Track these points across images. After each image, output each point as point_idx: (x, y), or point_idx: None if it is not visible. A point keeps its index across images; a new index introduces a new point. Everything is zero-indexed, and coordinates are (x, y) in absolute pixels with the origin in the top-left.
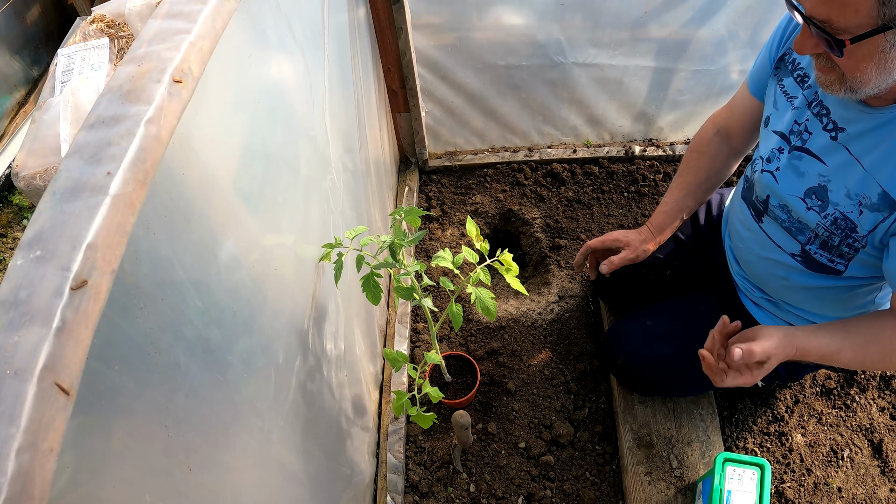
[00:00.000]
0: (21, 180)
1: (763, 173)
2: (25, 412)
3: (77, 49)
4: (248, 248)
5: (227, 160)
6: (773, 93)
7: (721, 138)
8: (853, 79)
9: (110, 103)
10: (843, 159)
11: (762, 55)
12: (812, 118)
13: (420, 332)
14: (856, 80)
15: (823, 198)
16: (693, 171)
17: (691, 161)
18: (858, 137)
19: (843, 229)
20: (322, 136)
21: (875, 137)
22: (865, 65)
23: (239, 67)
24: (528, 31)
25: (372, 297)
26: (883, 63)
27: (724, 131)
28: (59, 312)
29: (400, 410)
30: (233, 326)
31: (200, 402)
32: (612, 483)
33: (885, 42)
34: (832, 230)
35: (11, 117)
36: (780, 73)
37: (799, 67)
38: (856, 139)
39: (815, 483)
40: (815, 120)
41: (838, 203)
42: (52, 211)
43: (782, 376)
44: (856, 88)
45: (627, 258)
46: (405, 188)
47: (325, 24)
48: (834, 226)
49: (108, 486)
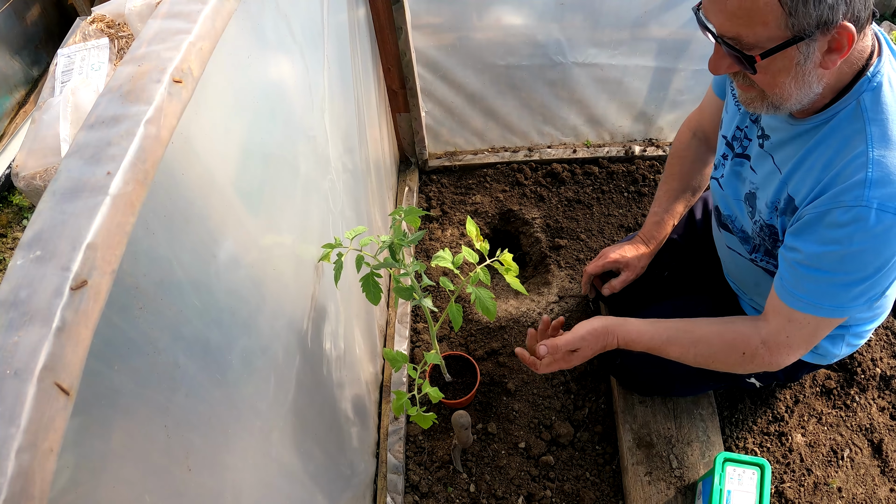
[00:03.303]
0: (21, 180)
1: (712, 180)
2: (25, 412)
3: (77, 49)
4: (248, 248)
5: (227, 160)
6: (727, 95)
7: (698, 140)
8: (773, 95)
9: (110, 103)
10: (769, 168)
11: None
12: (751, 125)
13: (420, 332)
14: (776, 96)
15: (753, 204)
16: (677, 177)
17: (674, 167)
18: (780, 146)
19: (769, 235)
20: (321, 136)
21: (793, 147)
22: (783, 79)
23: (238, 67)
24: (527, 31)
25: (372, 298)
26: (801, 76)
27: (699, 133)
28: (59, 312)
29: (400, 410)
30: (232, 326)
31: (200, 402)
32: (612, 483)
33: (799, 54)
34: (763, 236)
35: (11, 117)
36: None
37: None
38: (778, 147)
39: (815, 483)
40: (753, 127)
41: (761, 210)
42: (52, 211)
43: (780, 377)
44: (778, 104)
45: (628, 280)
46: (405, 188)
47: (324, 24)
48: (762, 232)
49: (107, 485)
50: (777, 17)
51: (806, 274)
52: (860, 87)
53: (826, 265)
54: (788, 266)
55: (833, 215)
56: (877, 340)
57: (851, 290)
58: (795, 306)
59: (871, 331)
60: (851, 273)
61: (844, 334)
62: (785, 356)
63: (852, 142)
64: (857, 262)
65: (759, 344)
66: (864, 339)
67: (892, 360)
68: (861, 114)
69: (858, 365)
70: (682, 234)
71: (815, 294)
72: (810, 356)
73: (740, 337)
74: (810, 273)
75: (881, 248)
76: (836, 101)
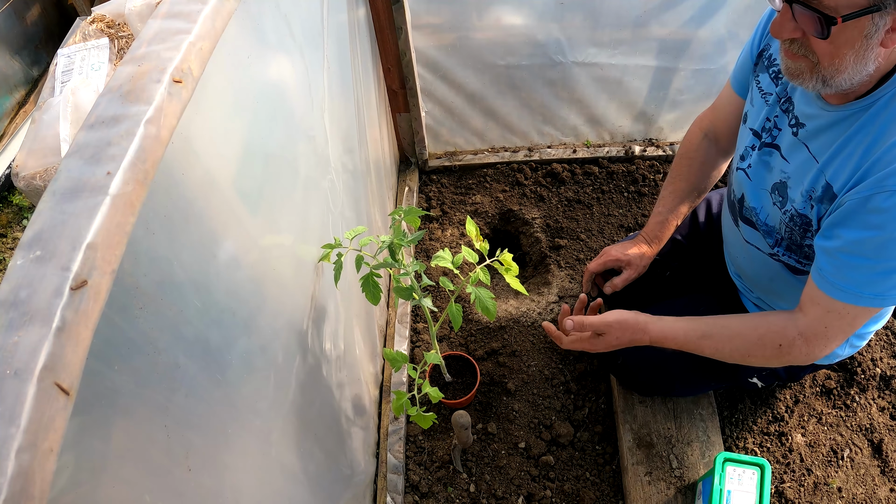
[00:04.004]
0: (21, 180)
1: (738, 171)
2: (25, 412)
3: (77, 49)
4: (247, 248)
5: (227, 160)
6: (751, 89)
7: (709, 142)
8: (829, 67)
9: (110, 103)
10: (804, 158)
11: (744, 52)
12: (781, 114)
13: (420, 332)
14: (832, 69)
15: (784, 194)
16: (684, 177)
17: (682, 168)
18: (816, 135)
19: (799, 225)
20: (321, 136)
21: (832, 134)
22: (846, 51)
23: (238, 67)
24: (527, 30)
25: (371, 298)
26: (862, 50)
27: (711, 134)
28: (59, 312)
29: (400, 410)
30: (232, 326)
31: (200, 402)
32: (612, 483)
33: (872, 25)
34: (791, 227)
35: (11, 117)
36: (758, 69)
37: (774, 63)
38: (813, 136)
39: (815, 483)
40: (783, 116)
41: (794, 200)
42: (52, 211)
43: (782, 376)
44: (829, 78)
45: (630, 278)
46: (405, 188)
47: (324, 24)
48: (791, 222)
49: (107, 485)
50: None
51: (847, 262)
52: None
53: (868, 251)
54: (827, 255)
55: (876, 200)
56: (877, 340)
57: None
58: (836, 296)
59: (874, 331)
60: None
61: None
62: (822, 347)
63: (893, 126)
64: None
65: (796, 335)
66: (867, 339)
67: (892, 360)
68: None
69: (858, 365)
70: (684, 235)
71: (856, 282)
72: None
73: (777, 329)
74: (852, 261)
75: None
76: (877, 87)
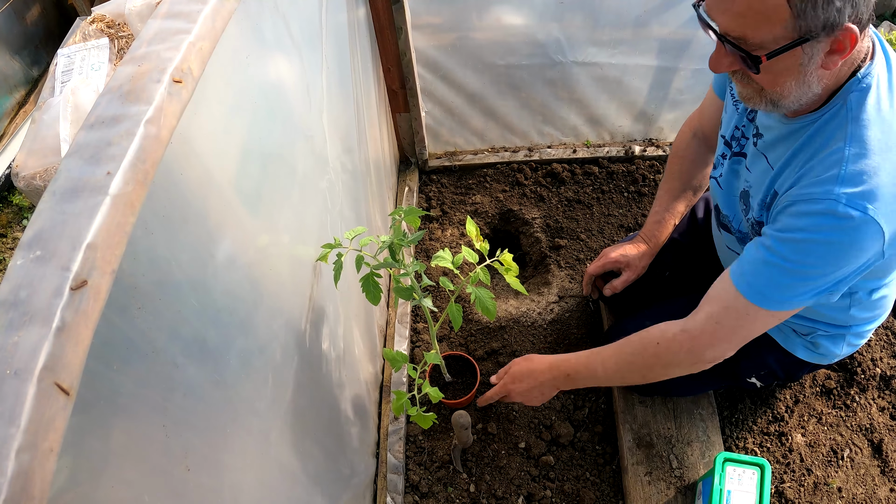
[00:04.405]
0: (21, 180)
1: (711, 179)
2: (25, 412)
3: (77, 49)
4: (246, 248)
5: (226, 160)
6: (727, 95)
7: (698, 140)
8: (773, 92)
9: (110, 103)
10: (763, 167)
11: None
12: (748, 124)
13: (420, 332)
14: (775, 94)
15: (747, 203)
16: (677, 176)
17: (674, 167)
18: (773, 145)
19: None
20: (319, 136)
21: (785, 145)
22: (784, 79)
23: (238, 68)
24: (527, 30)
25: (372, 298)
26: (802, 76)
27: (699, 133)
28: (59, 312)
29: (400, 410)
30: (230, 326)
31: (198, 402)
32: (612, 483)
33: (804, 55)
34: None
35: (11, 117)
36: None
37: None
38: (770, 147)
39: (815, 483)
40: (749, 126)
41: (754, 208)
42: (52, 211)
43: (780, 376)
44: (776, 101)
45: (630, 280)
46: (405, 188)
47: (322, 24)
48: (753, 230)
49: (106, 486)
50: (785, 18)
51: (766, 259)
52: (849, 87)
53: (787, 252)
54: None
55: (799, 206)
56: (877, 340)
57: (805, 284)
58: (743, 290)
59: (872, 330)
60: (810, 265)
61: (845, 334)
62: (708, 347)
63: (833, 139)
64: (816, 253)
65: (677, 331)
66: (865, 338)
67: (892, 360)
68: (846, 113)
69: (858, 365)
70: (683, 234)
71: (768, 282)
72: (811, 356)
73: (659, 329)
74: (771, 258)
75: (842, 245)
76: (828, 101)
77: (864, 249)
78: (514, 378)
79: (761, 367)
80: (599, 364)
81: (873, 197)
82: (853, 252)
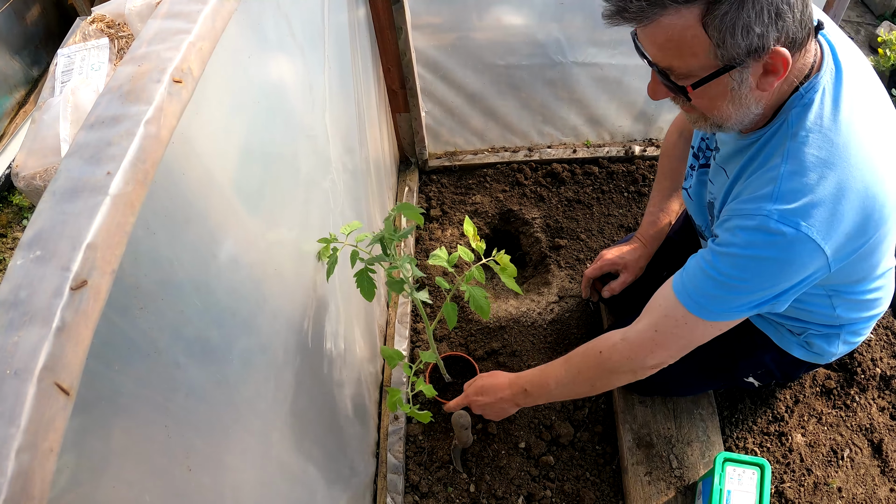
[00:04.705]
0: (21, 180)
1: (683, 191)
2: (25, 412)
3: (77, 49)
4: (248, 248)
5: (227, 160)
6: None
7: (685, 140)
8: (713, 116)
9: (110, 103)
10: (722, 180)
11: None
12: (710, 137)
13: (420, 332)
14: (716, 118)
15: (712, 213)
16: (667, 175)
17: (664, 166)
18: (728, 160)
19: None
20: (322, 136)
21: (736, 160)
22: (720, 103)
23: (239, 67)
24: (527, 30)
25: (366, 293)
26: (737, 99)
27: (686, 133)
28: (59, 312)
29: (394, 407)
30: (232, 326)
31: (200, 402)
32: (612, 483)
33: (732, 81)
34: None
35: (11, 117)
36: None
37: None
38: (726, 161)
39: (815, 483)
40: (712, 138)
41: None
42: (52, 211)
43: (777, 376)
44: (720, 124)
45: (627, 282)
46: (405, 188)
47: (325, 23)
48: None
49: (107, 486)
50: (706, 48)
51: (705, 270)
52: (791, 103)
53: (723, 266)
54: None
55: (736, 221)
56: (877, 340)
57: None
58: (682, 300)
59: (870, 328)
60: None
61: (839, 333)
62: (647, 354)
63: (772, 156)
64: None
65: (617, 339)
66: (862, 336)
67: (892, 360)
68: (786, 129)
69: (858, 365)
70: (679, 233)
71: (704, 293)
72: (807, 355)
73: (600, 340)
74: (708, 270)
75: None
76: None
77: (802, 265)
78: (476, 391)
79: (758, 366)
80: (552, 377)
81: (806, 214)
82: (788, 268)
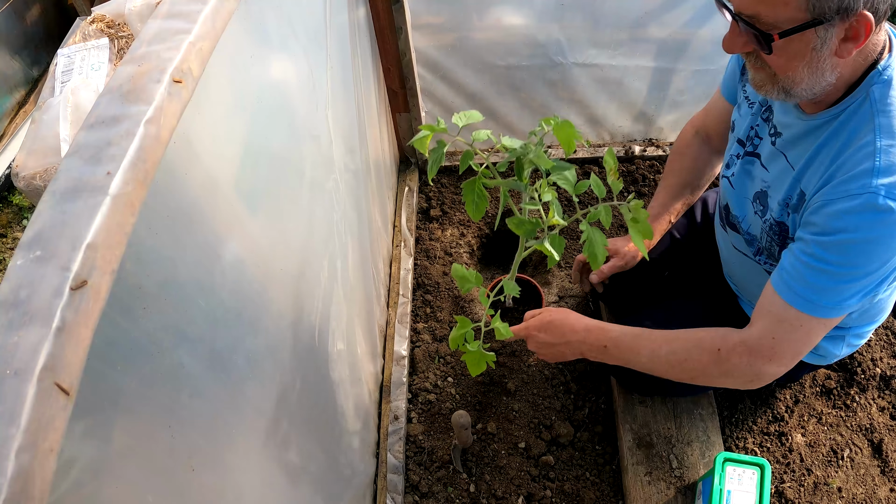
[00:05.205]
0: (21, 180)
1: (723, 179)
2: (25, 412)
3: (77, 49)
4: (252, 248)
5: (229, 160)
6: (739, 97)
7: (701, 140)
8: (785, 78)
9: (110, 103)
10: (782, 166)
11: (732, 60)
12: (762, 123)
13: (420, 332)
14: (788, 80)
15: (764, 203)
16: (676, 173)
17: (674, 164)
18: (792, 143)
19: (777, 234)
20: (325, 136)
21: (806, 143)
22: (797, 63)
23: (241, 67)
24: (527, 31)
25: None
26: (815, 62)
27: (702, 133)
28: (59, 312)
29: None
30: (236, 326)
31: (204, 402)
32: (612, 483)
33: (816, 38)
34: (771, 236)
35: (11, 117)
36: (745, 77)
37: None
38: (790, 145)
39: (815, 483)
40: (763, 125)
41: (773, 209)
42: (52, 211)
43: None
44: (788, 89)
45: (616, 266)
46: (405, 188)
47: (327, 23)
48: (771, 231)
49: (110, 486)
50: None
51: (808, 263)
52: (871, 79)
53: (830, 255)
54: (791, 256)
55: (838, 204)
56: (877, 340)
57: (853, 285)
58: (792, 301)
59: (872, 331)
60: (855, 265)
61: (845, 335)
62: (767, 363)
63: (860, 133)
64: (861, 252)
65: (737, 342)
66: (865, 339)
67: (892, 360)
68: (870, 106)
69: (858, 365)
70: (683, 234)
71: (814, 288)
72: (810, 356)
73: (719, 334)
74: (813, 263)
75: (886, 239)
76: (847, 94)
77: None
78: (540, 325)
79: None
80: (646, 348)
81: None
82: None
